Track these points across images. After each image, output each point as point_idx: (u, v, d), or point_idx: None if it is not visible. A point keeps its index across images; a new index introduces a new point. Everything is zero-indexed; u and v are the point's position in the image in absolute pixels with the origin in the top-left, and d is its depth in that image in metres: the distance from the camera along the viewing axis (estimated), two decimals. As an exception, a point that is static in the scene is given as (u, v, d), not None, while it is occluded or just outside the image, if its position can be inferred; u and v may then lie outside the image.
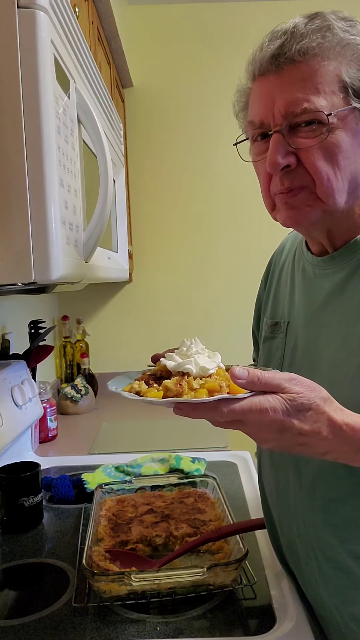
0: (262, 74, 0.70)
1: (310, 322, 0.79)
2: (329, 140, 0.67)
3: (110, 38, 1.86)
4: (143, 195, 2.44)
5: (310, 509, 0.74)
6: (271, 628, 0.76)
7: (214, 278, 2.48)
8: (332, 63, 0.67)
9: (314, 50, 0.66)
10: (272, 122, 0.69)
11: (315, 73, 0.67)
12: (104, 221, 0.89)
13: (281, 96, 0.68)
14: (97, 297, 2.48)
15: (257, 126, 0.72)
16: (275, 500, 0.84)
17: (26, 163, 0.65)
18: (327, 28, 0.67)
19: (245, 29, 2.34)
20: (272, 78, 0.69)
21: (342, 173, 0.69)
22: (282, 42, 0.67)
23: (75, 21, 0.80)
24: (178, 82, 2.41)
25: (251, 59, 0.72)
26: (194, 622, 0.77)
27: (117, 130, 1.31)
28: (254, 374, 0.58)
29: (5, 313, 1.71)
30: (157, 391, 0.62)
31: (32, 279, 0.67)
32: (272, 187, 0.73)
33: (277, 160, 0.68)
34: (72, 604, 0.83)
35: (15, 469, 1.13)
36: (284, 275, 0.90)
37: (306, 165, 0.69)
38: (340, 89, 0.67)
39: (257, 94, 0.72)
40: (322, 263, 0.78)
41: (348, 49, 0.67)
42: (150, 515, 1.01)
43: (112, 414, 2.11)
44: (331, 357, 0.73)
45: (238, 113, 0.80)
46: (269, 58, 0.68)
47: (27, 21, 0.64)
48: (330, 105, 0.67)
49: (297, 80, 0.67)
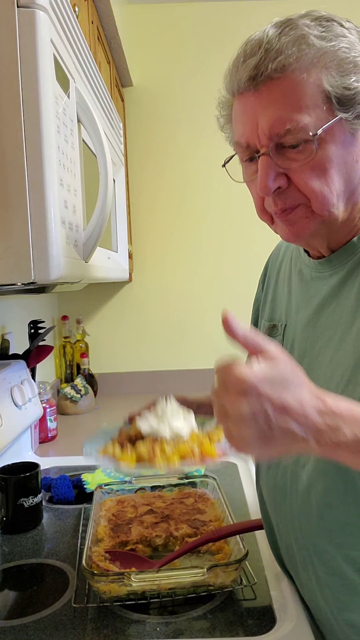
0: (240, 93, 0.69)
1: (308, 325, 0.78)
2: (318, 157, 0.66)
3: (110, 37, 1.86)
4: (143, 195, 2.44)
5: (306, 514, 0.74)
6: (271, 629, 0.76)
7: (214, 278, 2.48)
8: (311, 75, 0.64)
9: (291, 65, 0.64)
10: (258, 143, 0.68)
11: (296, 88, 0.64)
12: (104, 221, 0.89)
13: (263, 116, 0.66)
14: (96, 297, 2.47)
15: (244, 147, 0.71)
16: (273, 505, 0.83)
17: (26, 162, 0.65)
18: (302, 39, 0.64)
19: (245, 29, 2.32)
20: (252, 97, 0.67)
21: (336, 186, 0.67)
22: (257, 61, 0.65)
23: (75, 21, 0.80)
24: (178, 81, 2.41)
25: (228, 75, 0.70)
26: (194, 622, 0.77)
27: (116, 129, 1.31)
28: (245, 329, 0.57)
29: (5, 313, 1.71)
30: (131, 454, 0.65)
31: (31, 279, 0.67)
32: (267, 207, 0.72)
33: (268, 185, 0.67)
34: (71, 604, 0.82)
35: (15, 470, 1.12)
36: (282, 278, 0.90)
37: (298, 186, 0.67)
38: (323, 101, 0.65)
39: (240, 113, 0.70)
40: (318, 266, 0.78)
41: (326, 57, 0.64)
42: (150, 515, 1.01)
43: (112, 414, 2.11)
44: (328, 359, 0.73)
45: (223, 126, 0.78)
46: (247, 80, 0.66)
47: (27, 21, 0.64)
48: (315, 120, 0.64)
49: (277, 97, 0.65)
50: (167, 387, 2.48)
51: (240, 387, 0.53)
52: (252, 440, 0.54)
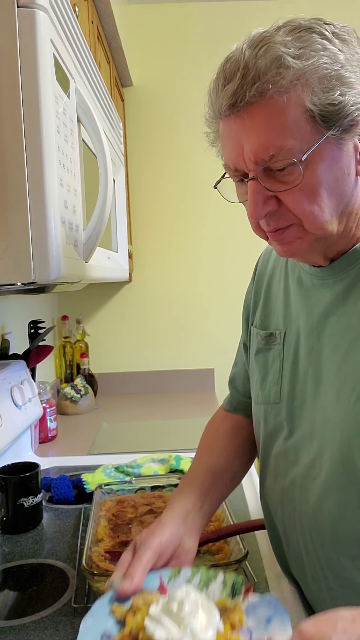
0: (224, 118, 0.67)
1: (312, 333, 0.77)
2: (307, 179, 0.64)
3: (110, 37, 1.86)
4: (143, 194, 2.44)
5: (318, 526, 0.73)
6: (271, 629, 0.76)
7: (214, 278, 2.48)
8: (292, 97, 0.62)
9: (269, 91, 0.62)
10: (246, 168, 0.67)
11: (277, 112, 0.62)
12: (104, 221, 0.89)
13: (247, 141, 0.65)
14: (96, 297, 2.48)
15: (233, 171, 0.70)
16: (281, 517, 0.82)
17: (26, 162, 0.65)
18: (278, 61, 0.61)
19: (245, 28, 2.32)
20: (235, 123, 0.66)
21: (327, 205, 0.66)
22: (234, 88, 0.63)
23: (75, 21, 0.80)
24: (178, 81, 2.41)
25: (212, 97, 0.68)
26: (194, 622, 0.77)
27: (116, 129, 1.31)
28: None
29: (4, 313, 1.71)
30: None
31: (31, 279, 0.67)
32: (261, 225, 0.71)
33: (258, 211, 0.67)
34: (71, 604, 0.82)
35: (15, 470, 1.12)
36: (275, 284, 0.88)
37: (289, 207, 0.66)
38: (307, 121, 0.62)
39: (225, 136, 0.69)
40: (320, 273, 0.76)
41: (306, 76, 0.61)
42: (150, 515, 1.01)
43: (112, 414, 2.11)
44: (336, 369, 0.72)
45: (213, 141, 0.76)
46: (227, 107, 0.65)
47: (26, 21, 0.64)
48: (299, 142, 0.63)
49: (259, 123, 0.63)
50: (167, 387, 2.48)
51: None
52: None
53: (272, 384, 0.83)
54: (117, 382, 2.48)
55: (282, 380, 0.81)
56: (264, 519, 0.90)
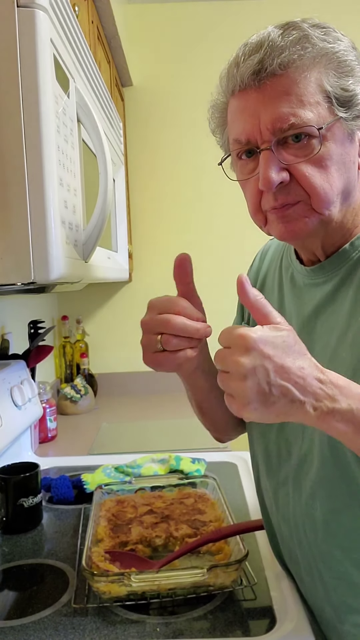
0: (242, 90, 0.68)
1: (302, 332, 0.77)
2: (320, 153, 0.66)
3: (110, 37, 1.86)
4: (143, 194, 2.44)
5: (310, 520, 0.73)
6: (271, 629, 0.76)
7: (214, 278, 2.48)
8: (313, 73, 0.65)
9: (295, 62, 0.65)
10: (260, 139, 0.68)
11: (298, 85, 0.65)
12: (104, 221, 0.89)
13: (266, 112, 0.66)
14: (96, 297, 2.47)
15: (243, 143, 0.70)
16: (275, 510, 0.83)
17: (26, 162, 0.65)
18: (305, 38, 0.65)
19: (245, 28, 2.33)
20: (254, 94, 0.67)
21: (336, 184, 0.68)
22: (261, 56, 0.65)
23: (75, 20, 0.80)
24: (178, 81, 2.41)
25: (226, 75, 0.70)
26: (194, 623, 0.77)
27: (116, 129, 1.31)
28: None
29: (4, 313, 1.71)
30: None
31: (31, 279, 0.67)
32: (264, 204, 0.71)
33: (272, 178, 0.66)
34: (71, 604, 0.82)
35: (14, 470, 1.12)
36: (269, 283, 0.89)
37: (300, 181, 0.67)
38: (324, 99, 0.66)
39: (239, 111, 0.69)
40: (311, 273, 0.77)
41: (326, 58, 0.66)
42: (150, 516, 1.01)
43: (112, 414, 2.11)
44: (326, 364, 0.70)
45: (214, 130, 0.78)
46: (250, 74, 0.66)
47: (26, 20, 0.64)
48: (317, 116, 0.65)
49: (280, 94, 0.65)
50: (167, 387, 2.48)
51: (243, 344, 0.56)
52: (252, 396, 0.56)
53: None
54: (117, 382, 2.47)
55: None
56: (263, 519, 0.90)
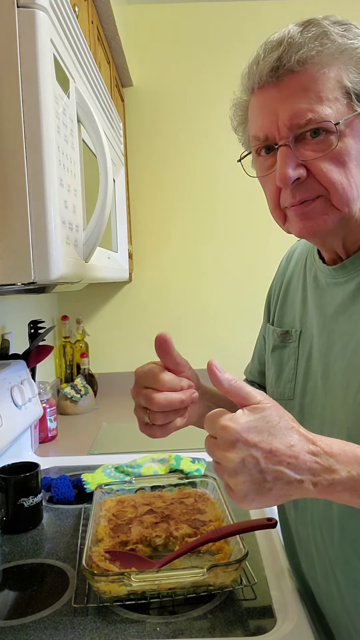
0: (260, 87, 0.69)
1: (324, 331, 0.78)
2: (338, 149, 0.66)
3: (110, 37, 1.86)
4: (143, 195, 2.44)
5: (328, 525, 0.73)
6: (271, 628, 0.76)
7: (213, 278, 2.48)
8: (332, 70, 0.65)
9: (313, 59, 0.65)
10: (278, 136, 0.68)
11: (316, 81, 0.65)
12: (104, 221, 0.89)
13: (284, 108, 0.66)
14: (96, 297, 2.48)
15: (261, 140, 0.70)
16: (294, 516, 0.83)
17: (26, 163, 0.65)
18: (324, 35, 0.65)
19: (245, 28, 2.34)
20: (272, 91, 0.68)
21: (355, 180, 0.67)
22: (279, 53, 0.66)
23: (75, 21, 0.80)
24: (178, 81, 2.41)
25: (247, 72, 0.71)
26: (194, 622, 0.77)
27: (116, 129, 1.31)
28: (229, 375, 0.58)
29: (5, 313, 1.71)
30: None
31: (31, 279, 0.67)
32: (283, 201, 0.71)
33: (288, 174, 0.67)
34: (71, 604, 0.82)
35: (15, 470, 1.12)
36: (294, 284, 0.90)
37: (317, 177, 0.67)
38: (343, 95, 0.66)
39: (258, 108, 0.70)
40: (334, 272, 0.77)
41: (346, 54, 0.66)
42: (150, 515, 1.01)
43: (112, 414, 2.11)
44: (344, 366, 0.72)
45: (236, 127, 0.79)
46: (268, 71, 0.67)
47: (26, 21, 0.64)
48: (335, 112, 0.65)
49: (298, 91, 0.66)
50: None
51: (227, 438, 0.55)
52: (247, 489, 0.55)
53: (286, 381, 0.84)
54: (117, 382, 2.47)
55: (296, 377, 0.82)
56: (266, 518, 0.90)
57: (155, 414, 0.72)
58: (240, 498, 0.56)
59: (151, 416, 0.72)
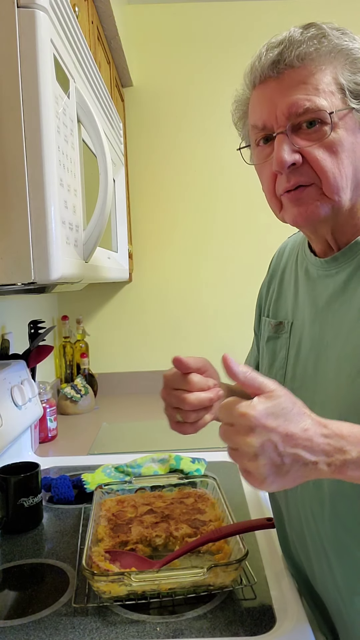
0: (262, 81, 0.73)
1: (315, 321, 0.81)
2: (331, 138, 0.70)
3: (110, 37, 1.86)
4: (143, 195, 2.44)
5: (319, 504, 0.76)
6: (271, 628, 0.76)
7: (214, 278, 2.48)
8: (328, 67, 0.70)
9: (311, 55, 0.70)
10: (276, 124, 0.72)
11: (314, 75, 0.70)
12: (104, 221, 0.89)
13: (282, 99, 0.71)
14: (97, 297, 2.48)
15: (260, 129, 0.75)
16: (284, 496, 0.86)
17: (26, 163, 0.65)
18: (322, 35, 0.70)
19: (245, 28, 2.34)
20: (273, 84, 0.72)
21: (345, 171, 0.71)
22: (280, 49, 0.71)
23: (75, 21, 0.80)
24: (178, 81, 2.41)
25: (250, 69, 0.75)
26: (194, 622, 0.77)
27: (116, 129, 1.31)
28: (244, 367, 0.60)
29: (5, 313, 1.71)
30: None
31: (31, 279, 0.67)
32: (278, 187, 0.75)
33: (284, 158, 0.70)
34: (71, 604, 0.82)
35: (15, 469, 1.12)
36: (287, 277, 0.93)
37: (311, 164, 0.71)
38: (337, 90, 0.71)
39: (258, 100, 0.74)
40: (325, 264, 0.80)
41: (342, 54, 0.71)
42: (150, 515, 1.01)
43: (112, 414, 2.11)
44: (336, 355, 0.75)
45: (237, 122, 0.83)
46: (269, 65, 0.71)
47: (26, 21, 0.64)
48: (330, 104, 0.70)
49: (296, 83, 0.70)
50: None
51: (246, 423, 0.57)
52: (267, 472, 0.57)
53: (278, 369, 0.88)
54: (117, 382, 2.47)
55: (286, 365, 0.86)
56: (265, 518, 0.91)
57: (187, 413, 0.78)
58: (260, 481, 0.58)
59: (183, 415, 0.78)
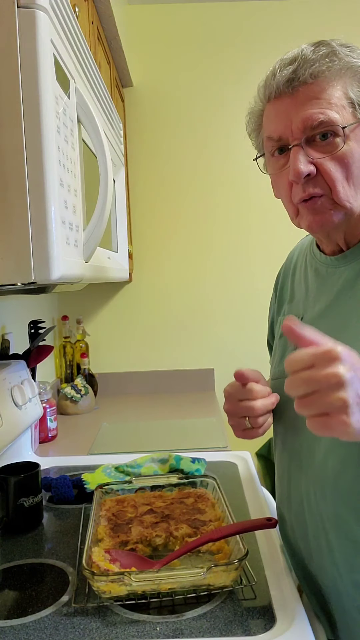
0: (277, 97, 0.79)
1: (323, 315, 0.85)
2: (343, 151, 0.76)
3: (110, 38, 1.86)
4: (143, 195, 2.44)
5: (321, 481, 0.79)
6: (271, 628, 0.76)
7: (214, 278, 2.48)
8: (339, 83, 0.76)
9: (324, 73, 0.75)
10: (291, 137, 0.77)
11: (326, 91, 0.76)
12: (104, 221, 0.89)
13: (297, 113, 0.76)
14: (97, 297, 2.48)
15: (275, 140, 0.80)
16: (288, 478, 0.89)
17: (26, 163, 0.65)
18: (333, 53, 0.76)
19: (245, 29, 2.34)
20: (287, 99, 0.77)
21: (354, 181, 0.77)
22: (295, 67, 0.76)
23: (75, 21, 0.80)
24: (178, 81, 2.41)
25: (264, 84, 0.80)
26: (194, 622, 0.77)
27: (117, 130, 1.31)
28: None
29: (5, 313, 1.71)
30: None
31: (32, 279, 0.67)
32: (294, 196, 0.80)
33: (301, 169, 0.75)
34: (71, 604, 0.82)
35: (15, 469, 1.12)
36: (297, 280, 0.98)
37: (324, 175, 0.76)
38: (348, 104, 0.76)
39: (274, 114, 0.80)
40: (334, 261, 0.86)
41: (351, 70, 0.76)
42: (150, 515, 1.01)
43: (112, 414, 2.11)
44: (348, 345, 0.77)
45: (250, 133, 0.89)
46: (285, 82, 0.77)
47: (27, 21, 0.64)
48: (342, 118, 0.75)
49: (310, 99, 0.76)
50: (167, 387, 2.48)
51: (333, 357, 0.59)
52: (355, 405, 0.58)
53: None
54: (117, 382, 2.48)
55: None
56: (265, 518, 0.91)
57: (256, 419, 0.85)
58: (346, 416, 0.58)
59: (252, 422, 0.85)
